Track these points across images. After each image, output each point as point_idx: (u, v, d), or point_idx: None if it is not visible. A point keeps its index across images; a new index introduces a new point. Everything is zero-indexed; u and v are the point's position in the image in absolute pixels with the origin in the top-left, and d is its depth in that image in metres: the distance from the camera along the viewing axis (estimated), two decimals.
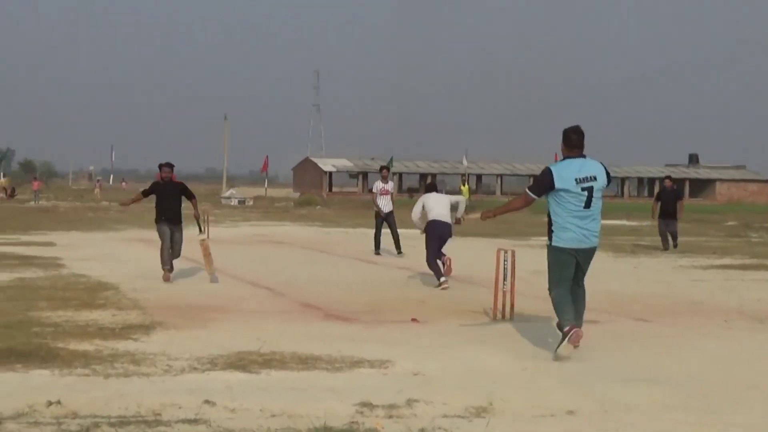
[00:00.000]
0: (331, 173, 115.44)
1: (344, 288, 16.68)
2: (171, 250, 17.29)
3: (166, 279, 16.94)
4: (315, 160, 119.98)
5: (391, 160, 79.21)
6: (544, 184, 10.60)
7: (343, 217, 49.28)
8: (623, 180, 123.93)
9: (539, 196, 10.73)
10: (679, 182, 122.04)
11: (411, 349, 10.56)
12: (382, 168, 26.20)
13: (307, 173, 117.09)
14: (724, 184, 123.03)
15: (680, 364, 10.12)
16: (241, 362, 9.56)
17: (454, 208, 17.35)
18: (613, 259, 23.91)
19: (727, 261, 23.84)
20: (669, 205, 27.81)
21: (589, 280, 14.13)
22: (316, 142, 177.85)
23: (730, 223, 49.15)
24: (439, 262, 16.92)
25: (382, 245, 24.77)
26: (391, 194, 25.31)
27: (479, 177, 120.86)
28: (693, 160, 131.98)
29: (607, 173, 10.76)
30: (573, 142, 10.63)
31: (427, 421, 7.46)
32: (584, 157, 10.67)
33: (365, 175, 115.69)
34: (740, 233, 39.25)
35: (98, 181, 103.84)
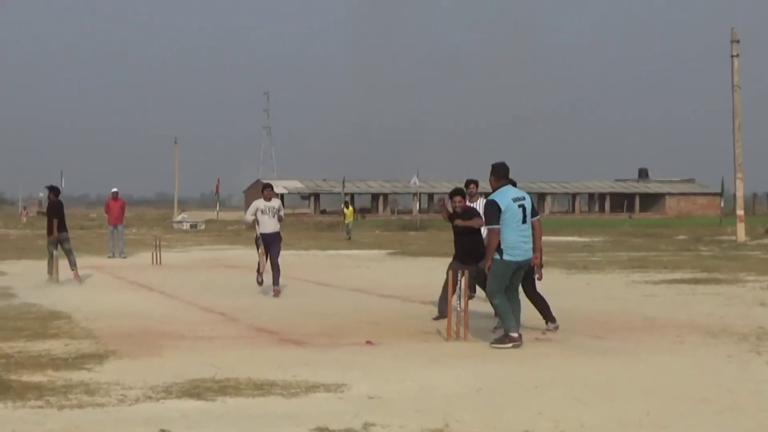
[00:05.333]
0: (282, 195, 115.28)
1: (298, 311, 16.66)
2: None
3: None
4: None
5: (343, 181, 79.27)
6: (495, 212, 12.58)
7: (296, 239, 49.13)
8: (574, 196, 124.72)
9: (499, 223, 12.53)
10: (630, 197, 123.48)
11: (366, 372, 10.58)
12: None
13: (259, 195, 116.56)
14: (673, 198, 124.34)
15: (634, 381, 10.20)
16: (196, 390, 9.52)
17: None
18: (566, 275, 24.04)
19: (678, 275, 24.05)
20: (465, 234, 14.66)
21: (544, 297, 14.25)
22: (267, 164, 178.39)
23: (680, 237, 49.61)
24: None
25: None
26: None
27: (431, 195, 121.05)
28: (642, 174, 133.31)
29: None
30: (502, 174, 12.89)
31: None
32: (513, 183, 13.01)
33: (317, 196, 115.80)
34: (690, 247, 39.67)
35: (25, 208, 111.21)
